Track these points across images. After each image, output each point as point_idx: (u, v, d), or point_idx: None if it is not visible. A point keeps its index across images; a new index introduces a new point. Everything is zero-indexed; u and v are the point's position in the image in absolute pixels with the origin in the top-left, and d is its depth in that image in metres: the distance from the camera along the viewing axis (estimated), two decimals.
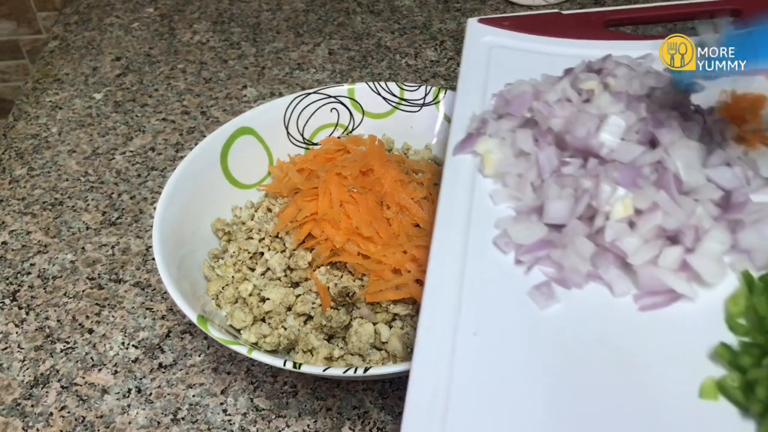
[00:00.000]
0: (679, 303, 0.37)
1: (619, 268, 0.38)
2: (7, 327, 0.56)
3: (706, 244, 0.37)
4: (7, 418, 0.50)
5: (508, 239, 0.41)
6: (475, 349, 0.36)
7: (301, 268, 0.53)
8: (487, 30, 0.58)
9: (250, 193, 0.61)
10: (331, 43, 0.89)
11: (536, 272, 0.40)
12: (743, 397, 0.32)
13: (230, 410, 0.50)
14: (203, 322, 0.45)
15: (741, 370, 0.33)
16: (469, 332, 0.37)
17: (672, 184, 0.39)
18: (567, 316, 0.37)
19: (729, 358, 0.33)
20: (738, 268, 0.37)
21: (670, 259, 0.37)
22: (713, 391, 0.33)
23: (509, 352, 0.36)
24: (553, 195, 0.41)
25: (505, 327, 0.37)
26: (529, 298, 0.38)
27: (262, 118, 0.62)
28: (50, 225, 0.65)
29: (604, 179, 0.39)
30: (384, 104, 0.64)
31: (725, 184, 0.40)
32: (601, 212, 0.39)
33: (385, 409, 0.50)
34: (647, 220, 0.38)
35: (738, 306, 0.35)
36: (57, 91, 0.82)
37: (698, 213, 0.38)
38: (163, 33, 0.92)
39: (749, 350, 0.33)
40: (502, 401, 0.34)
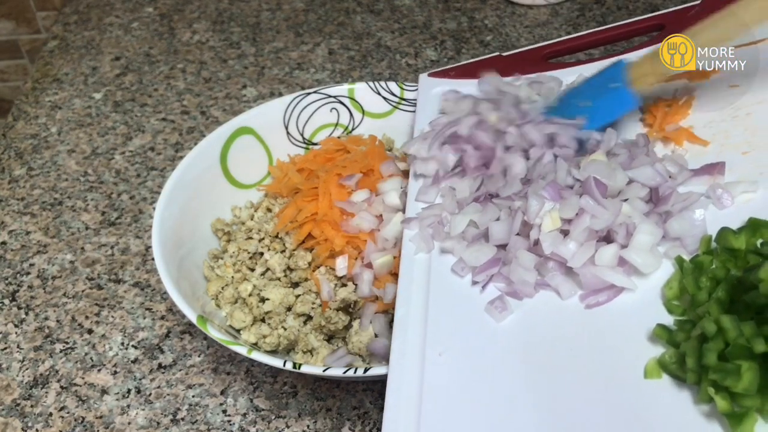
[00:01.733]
0: (622, 296, 0.40)
1: (562, 274, 0.41)
2: (6, 327, 0.56)
3: (638, 237, 0.40)
4: (6, 418, 0.50)
5: (463, 264, 0.44)
6: (441, 367, 0.39)
7: (301, 269, 0.53)
8: (438, 82, 0.62)
9: (250, 193, 0.61)
10: (331, 42, 0.89)
11: (491, 289, 0.43)
12: (680, 370, 0.34)
13: (230, 411, 0.50)
14: (203, 322, 0.45)
15: (676, 346, 0.35)
16: (435, 353, 0.40)
17: (594, 189, 0.42)
18: (522, 324, 0.40)
19: (666, 337, 0.36)
20: (672, 255, 0.40)
21: (606, 256, 0.40)
22: (657, 370, 0.35)
23: (472, 365, 0.39)
24: (492, 217, 0.45)
25: (466, 343, 0.40)
26: (486, 313, 0.41)
27: (262, 118, 0.62)
28: (50, 225, 0.65)
29: (532, 195, 0.43)
30: (384, 104, 0.64)
31: (648, 181, 0.43)
32: (534, 226, 0.42)
33: None
34: (577, 225, 0.41)
35: (672, 289, 0.38)
36: (56, 91, 0.82)
37: (625, 211, 0.41)
38: (162, 33, 0.92)
39: (683, 326, 0.36)
40: (469, 411, 0.37)
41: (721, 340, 0.33)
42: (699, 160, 0.45)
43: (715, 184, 0.43)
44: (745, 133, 0.46)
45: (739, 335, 0.32)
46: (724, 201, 0.42)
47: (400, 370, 0.40)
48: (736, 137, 0.46)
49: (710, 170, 0.44)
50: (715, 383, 0.32)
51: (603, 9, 0.93)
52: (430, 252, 0.47)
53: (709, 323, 0.33)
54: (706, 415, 0.33)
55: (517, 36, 0.88)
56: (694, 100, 0.49)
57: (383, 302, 0.50)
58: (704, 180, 0.44)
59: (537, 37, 0.88)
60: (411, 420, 0.37)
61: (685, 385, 0.34)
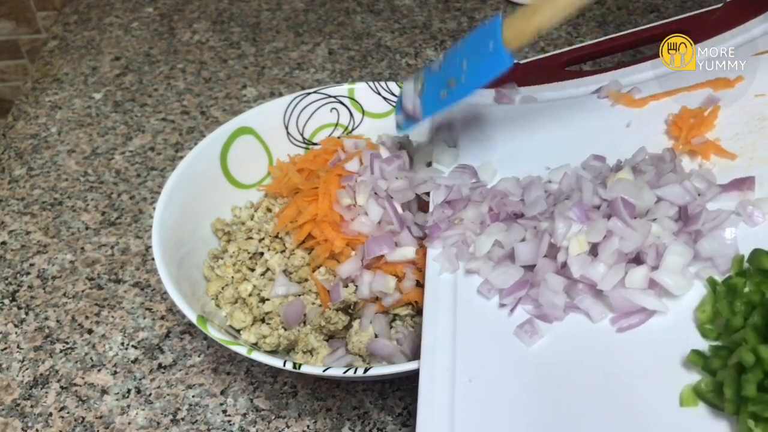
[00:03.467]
0: (654, 318, 0.38)
1: (592, 296, 0.40)
2: (6, 327, 0.56)
3: (668, 259, 0.39)
4: (6, 418, 0.50)
5: (489, 286, 0.43)
6: (472, 394, 0.38)
7: (301, 269, 0.53)
8: None
9: (250, 193, 0.61)
10: (331, 42, 0.89)
11: (519, 311, 0.42)
12: (718, 400, 0.33)
13: (230, 411, 0.50)
14: (203, 322, 0.45)
15: (713, 373, 0.34)
16: (466, 379, 0.39)
17: (622, 209, 0.40)
18: (552, 348, 0.39)
19: (701, 363, 0.35)
20: (704, 276, 0.39)
21: (637, 278, 0.39)
22: (693, 398, 0.34)
23: (503, 391, 0.38)
24: (517, 238, 0.44)
25: (497, 368, 0.39)
26: (516, 337, 0.40)
27: (262, 117, 0.62)
28: (50, 225, 0.65)
29: (558, 217, 0.42)
30: (384, 104, 0.64)
31: (676, 200, 0.42)
32: (562, 248, 0.41)
33: (385, 409, 0.50)
34: (606, 248, 0.40)
35: (706, 312, 0.37)
36: (56, 91, 0.82)
37: (654, 232, 0.40)
38: (162, 33, 0.92)
39: (718, 353, 0.35)
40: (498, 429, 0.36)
41: (760, 371, 0.31)
42: (727, 174, 0.44)
43: (745, 200, 0.41)
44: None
45: None
46: (755, 218, 0.40)
47: (430, 397, 0.39)
48: (763, 149, 0.44)
49: (740, 185, 0.42)
50: (754, 415, 0.31)
51: (603, 9, 0.93)
52: (455, 272, 0.46)
53: (746, 353, 0.32)
54: None
55: None
56: (719, 110, 0.48)
57: (383, 304, 0.50)
58: (734, 196, 0.42)
59: (537, 37, 0.88)
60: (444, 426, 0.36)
61: (722, 414, 0.33)
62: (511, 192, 0.48)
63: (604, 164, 0.48)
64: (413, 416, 0.49)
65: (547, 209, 0.44)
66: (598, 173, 0.47)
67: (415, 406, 0.50)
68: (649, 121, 0.50)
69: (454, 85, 0.47)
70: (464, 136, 0.56)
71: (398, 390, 0.51)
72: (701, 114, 0.48)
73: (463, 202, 0.49)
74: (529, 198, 0.47)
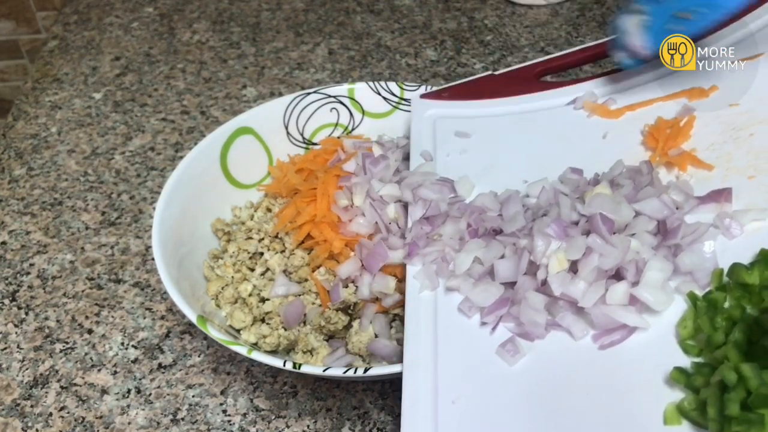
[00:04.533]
0: (635, 335, 0.38)
1: (573, 313, 0.40)
2: (6, 327, 0.56)
3: (648, 274, 0.39)
4: (6, 418, 0.50)
5: (470, 303, 0.43)
6: (455, 416, 0.38)
7: (301, 269, 0.53)
8: (431, 104, 0.60)
9: (250, 193, 0.61)
10: (331, 42, 0.89)
11: (501, 330, 0.42)
12: (701, 418, 0.33)
13: (230, 411, 0.50)
14: (203, 322, 0.45)
15: (695, 391, 0.34)
16: (448, 401, 0.39)
17: (601, 226, 0.40)
18: (535, 366, 0.39)
19: (684, 381, 0.35)
20: (684, 291, 0.39)
21: (617, 295, 0.39)
22: (676, 417, 0.34)
23: (486, 411, 0.38)
24: (497, 255, 0.44)
25: (480, 389, 0.39)
26: (498, 356, 0.40)
27: (262, 118, 0.62)
28: (50, 225, 0.65)
29: (537, 234, 0.41)
30: (384, 104, 0.64)
31: (655, 214, 0.42)
32: (542, 266, 0.41)
33: (385, 409, 0.50)
34: (585, 265, 0.40)
35: (687, 328, 0.37)
36: (56, 91, 0.82)
37: (633, 247, 0.40)
38: (162, 33, 0.92)
39: (701, 370, 0.35)
40: None
41: (742, 389, 0.31)
42: (704, 185, 0.44)
43: (722, 212, 0.41)
44: (748, 155, 0.44)
45: (761, 384, 0.31)
46: (733, 230, 0.40)
47: (413, 418, 0.38)
48: (739, 160, 0.44)
49: (717, 197, 0.42)
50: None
51: (603, 9, 0.93)
52: (435, 290, 0.45)
53: (728, 372, 0.32)
54: None
55: (517, 36, 0.88)
56: (694, 120, 0.48)
57: (383, 304, 0.50)
58: (711, 208, 0.42)
59: (537, 36, 0.88)
60: None
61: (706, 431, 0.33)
62: (489, 207, 0.48)
63: (582, 177, 0.48)
64: None
65: (526, 225, 0.44)
66: (575, 187, 0.47)
67: None
68: (626, 132, 0.50)
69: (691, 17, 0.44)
70: (441, 150, 0.56)
71: (398, 390, 0.51)
72: (677, 124, 0.48)
73: (441, 218, 0.48)
74: (508, 214, 0.46)
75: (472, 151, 0.55)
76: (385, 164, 0.54)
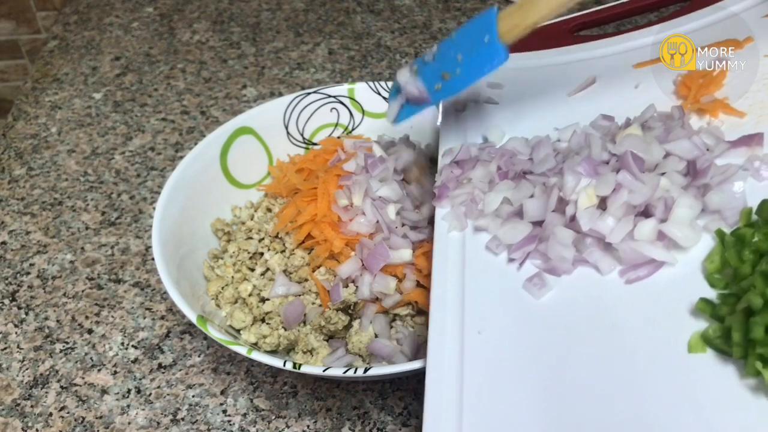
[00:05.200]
0: (662, 270, 0.39)
1: (601, 249, 0.41)
2: (6, 327, 0.56)
3: (677, 211, 0.39)
4: (6, 418, 0.50)
5: (498, 242, 0.44)
6: (481, 345, 0.39)
7: (301, 269, 0.53)
8: None
9: (250, 193, 0.61)
10: (331, 42, 0.89)
11: (528, 266, 0.42)
12: (725, 345, 0.34)
13: (230, 411, 0.50)
14: (203, 322, 0.45)
15: (720, 320, 0.35)
16: (474, 331, 0.39)
17: (631, 163, 0.41)
18: (560, 300, 0.40)
19: (709, 311, 0.35)
20: (712, 229, 0.40)
21: (645, 231, 0.39)
22: (700, 345, 0.35)
23: (511, 342, 0.38)
24: (526, 194, 0.44)
25: (506, 321, 0.40)
26: (525, 290, 0.41)
27: (262, 117, 0.62)
28: (50, 225, 0.65)
29: (568, 172, 0.42)
30: (384, 104, 0.64)
31: (685, 155, 0.43)
32: (571, 202, 0.41)
33: (385, 409, 0.50)
34: (615, 201, 0.40)
35: (714, 263, 0.38)
36: (56, 91, 0.82)
37: (662, 185, 0.40)
38: (162, 33, 0.92)
39: (726, 300, 0.35)
40: (511, 387, 0.36)
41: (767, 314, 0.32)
42: (736, 131, 0.44)
43: (753, 155, 0.42)
44: None
45: None
46: (762, 173, 0.41)
47: (440, 348, 0.39)
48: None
49: (748, 142, 0.43)
50: (762, 357, 0.32)
51: None
52: (464, 230, 0.46)
53: (755, 297, 0.33)
54: (752, 389, 0.32)
55: None
56: (728, 70, 0.48)
57: (383, 304, 0.50)
58: (742, 152, 0.43)
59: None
60: (453, 397, 0.37)
61: (730, 359, 0.34)
62: (520, 151, 0.48)
63: (613, 123, 0.48)
64: (413, 416, 0.49)
65: (556, 166, 0.45)
66: (606, 131, 0.47)
67: (415, 405, 0.50)
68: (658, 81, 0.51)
69: (449, 78, 0.47)
70: (471, 100, 0.56)
71: (398, 390, 0.51)
72: (710, 74, 0.48)
73: (471, 163, 0.49)
74: (538, 156, 0.47)
75: (504, 101, 0.55)
76: (384, 166, 0.54)
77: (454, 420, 0.36)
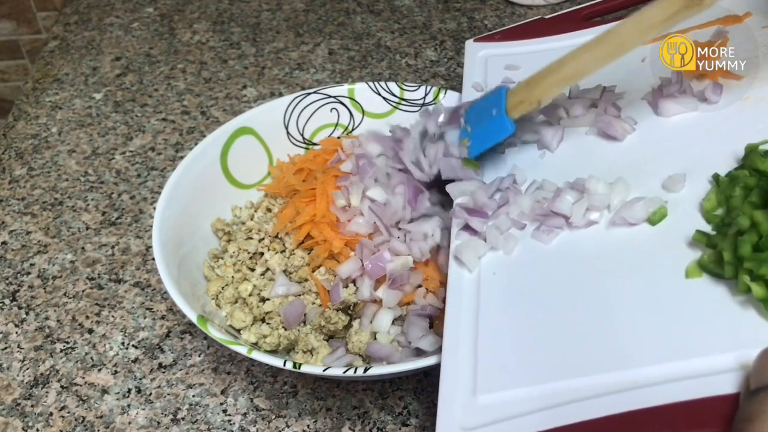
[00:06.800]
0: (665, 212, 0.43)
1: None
2: (6, 327, 0.56)
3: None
4: (7, 418, 0.50)
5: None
6: (496, 284, 0.44)
7: (301, 269, 0.53)
8: (483, 45, 0.66)
9: (250, 193, 0.61)
10: (331, 43, 0.89)
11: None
12: (719, 268, 0.37)
13: (230, 410, 0.50)
14: (203, 322, 0.45)
15: (714, 247, 0.38)
16: (490, 273, 0.45)
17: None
18: (568, 244, 0.44)
19: (705, 241, 0.39)
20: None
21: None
22: (697, 271, 0.38)
23: (524, 280, 0.43)
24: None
25: (518, 263, 0.44)
26: (533, 239, 0.45)
27: (262, 118, 0.62)
28: (50, 225, 0.65)
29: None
30: (384, 104, 0.64)
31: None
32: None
33: (385, 409, 0.50)
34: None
35: (711, 201, 0.41)
36: (57, 91, 0.82)
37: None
38: (163, 33, 0.92)
39: (720, 230, 0.39)
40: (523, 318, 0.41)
41: (755, 234, 0.35)
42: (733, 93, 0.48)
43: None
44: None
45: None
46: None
47: (458, 286, 0.44)
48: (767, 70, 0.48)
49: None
50: (750, 272, 0.34)
51: None
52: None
53: (743, 219, 0.36)
54: (743, 304, 0.35)
55: None
56: (728, 42, 0.50)
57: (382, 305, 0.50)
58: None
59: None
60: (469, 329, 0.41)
61: (723, 281, 0.37)
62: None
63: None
64: (413, 416, 0.49)
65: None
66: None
67: (415, 405, 0.50)
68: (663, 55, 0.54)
69: (467, 145, 0.52)
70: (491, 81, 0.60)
71: (398, 390, 0.51)
72: (711, 46, 0.51)
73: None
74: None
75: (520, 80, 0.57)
76: (373, 171, 0.54)
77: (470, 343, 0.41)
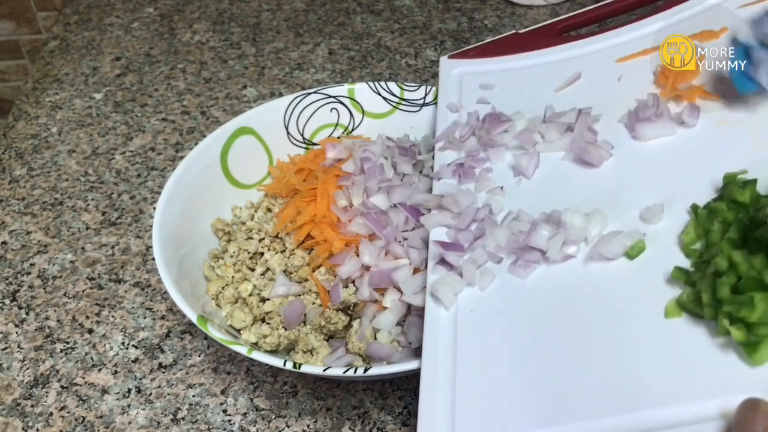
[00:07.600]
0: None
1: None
2: (7, 327, 0.56)
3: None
4: (7, 418, 0.50)
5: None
6: (473, 322, 0.42)
7: (301, 269, 0.53)
8: (457, 63, 0.64)
9: (250, 193, 0.61)
10: (331, 43, 0.89)
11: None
12: (698, 308, 0.36)
13: (230, 410, 0.50)
14: (203, 322, 0.45)
15: (694, 285, 0.37)
16: (467, 310, 0.43)
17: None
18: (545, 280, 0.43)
19: (684, 278, 0.38)
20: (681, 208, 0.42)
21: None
22: (676, 310, 0.37)
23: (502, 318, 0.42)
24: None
25: (496, 301, 0.43)
26: (510, 273, 0.44)
27: (262, 118, 0.62)
28: (50, 225, 0.65)
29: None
30: (384, 104, 0.64)
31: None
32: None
33: (385, 409, 0.50)
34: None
35: (689, 235, 0.40)
36: (57, 91, 0.82)
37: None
38: (163, 33, 0.92)
39: (699, 267, 0.38)
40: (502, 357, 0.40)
41: (733, 275, 0.34)
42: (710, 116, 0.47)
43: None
44: None
45: (749, 268, 0.34)
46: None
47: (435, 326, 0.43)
48: None
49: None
50: (730, 315, 0.34)
51: None
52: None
53: (721, 259, 0.35)
54: (723, 347, 0.34)
55: None
56: (704, 58, 0.50)
57: (382, 305, 0.50)
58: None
59: None
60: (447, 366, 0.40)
61: (703, 321, 0.36)
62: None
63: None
64: (413, 416, 0.49)
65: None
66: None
67: (415, 405, 0.50)
68: (639, 73, 0.54)
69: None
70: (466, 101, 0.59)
71: (398, 390, 0.51)
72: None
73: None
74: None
75: (495, 101, 0.58)
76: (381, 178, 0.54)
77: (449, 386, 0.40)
